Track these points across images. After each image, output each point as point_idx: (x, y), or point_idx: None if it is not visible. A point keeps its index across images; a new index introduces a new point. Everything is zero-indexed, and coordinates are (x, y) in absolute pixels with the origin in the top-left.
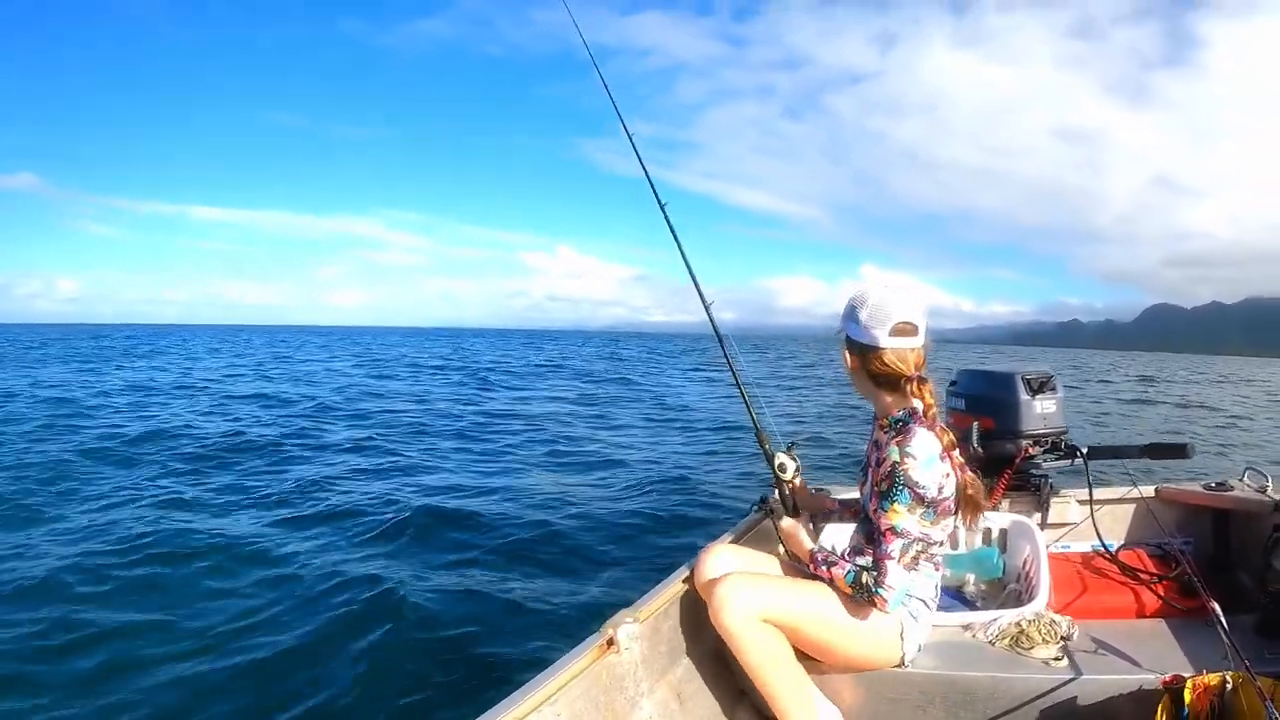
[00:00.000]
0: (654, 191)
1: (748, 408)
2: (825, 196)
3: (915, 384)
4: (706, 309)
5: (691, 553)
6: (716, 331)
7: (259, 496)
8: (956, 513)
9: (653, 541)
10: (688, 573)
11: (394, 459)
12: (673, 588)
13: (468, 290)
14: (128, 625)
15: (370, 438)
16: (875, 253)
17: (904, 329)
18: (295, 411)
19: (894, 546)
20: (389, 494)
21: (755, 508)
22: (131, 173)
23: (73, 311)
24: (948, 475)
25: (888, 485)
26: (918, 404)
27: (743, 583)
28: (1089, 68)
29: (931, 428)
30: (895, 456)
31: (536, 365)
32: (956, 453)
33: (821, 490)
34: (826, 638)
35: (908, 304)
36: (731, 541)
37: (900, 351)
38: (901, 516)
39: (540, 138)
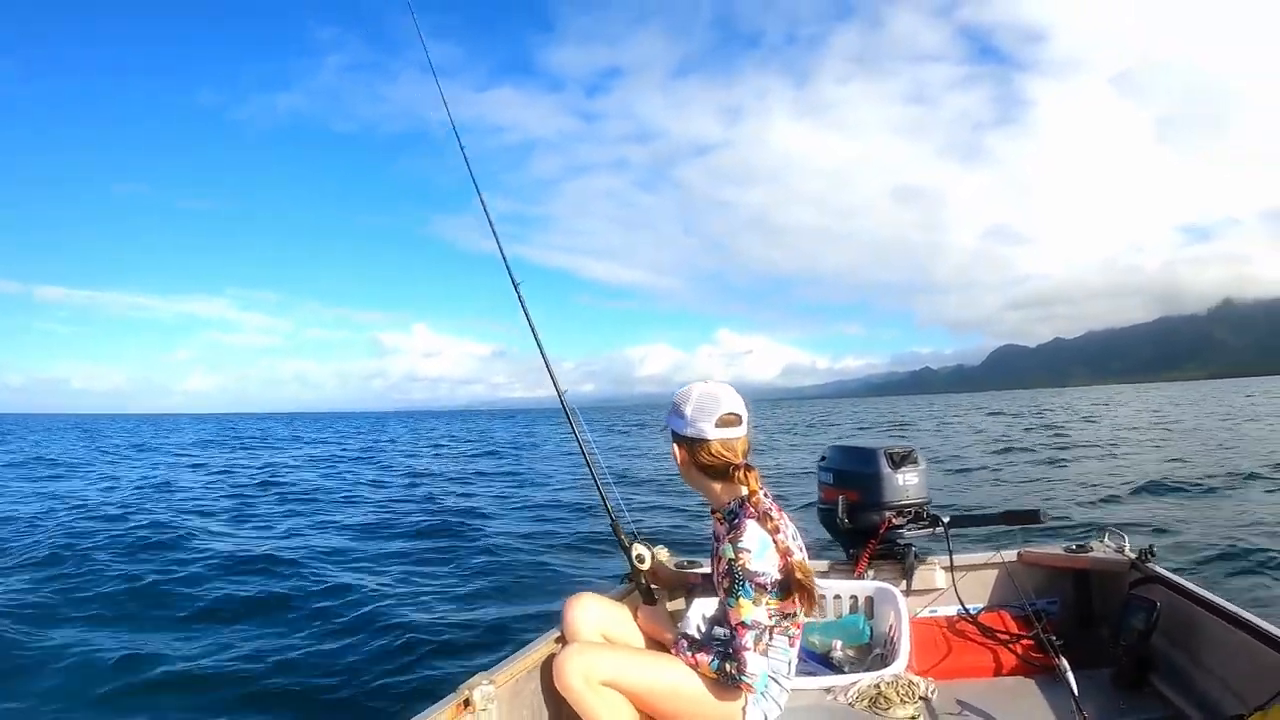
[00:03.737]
0: (508, 270)
1: (603, 500)
2: (680, 265)
3: (743, 471)
4: (564, 406)
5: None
6: (574, 430)
7: None
8: (793, 594)
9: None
10: (554, 637)
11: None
12: (538, 651)
13: (325, 372)
14: None
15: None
16: (731, 317)
17: (729, 419)
18: None
19: (748, 639)
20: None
21: (623, 582)
22: None
23: None
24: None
25: (729, 582)
26: (744, 490)
27: (585, 648)
28: (924, 132)
29: (758, 515)
30: (730, 554)
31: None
32: (781, 537)
33: (693, 563)
34: (669, 707)
35: (731, 398)
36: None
37: (727, 441)
38: (748, 610)
39: (394, 215)
